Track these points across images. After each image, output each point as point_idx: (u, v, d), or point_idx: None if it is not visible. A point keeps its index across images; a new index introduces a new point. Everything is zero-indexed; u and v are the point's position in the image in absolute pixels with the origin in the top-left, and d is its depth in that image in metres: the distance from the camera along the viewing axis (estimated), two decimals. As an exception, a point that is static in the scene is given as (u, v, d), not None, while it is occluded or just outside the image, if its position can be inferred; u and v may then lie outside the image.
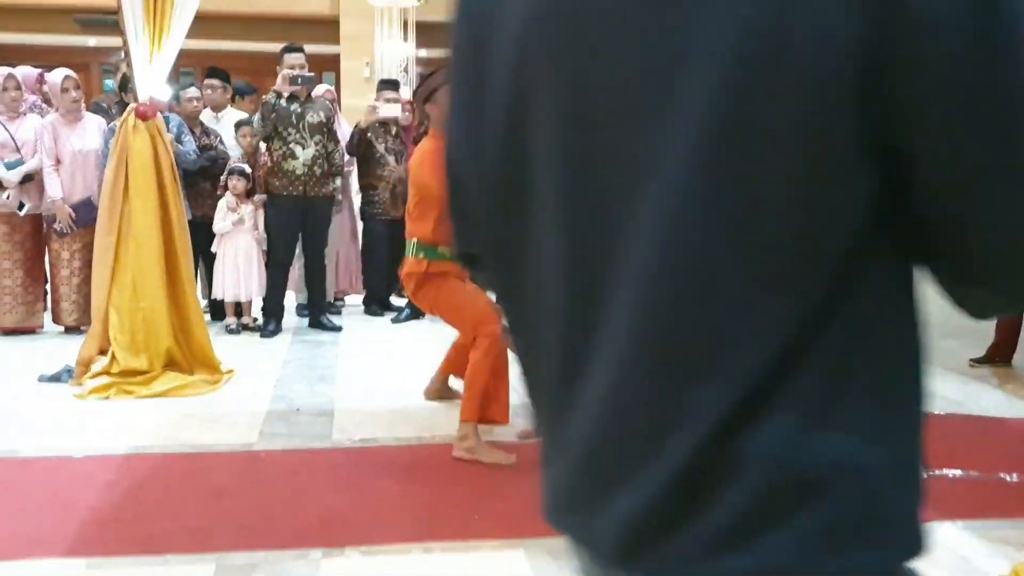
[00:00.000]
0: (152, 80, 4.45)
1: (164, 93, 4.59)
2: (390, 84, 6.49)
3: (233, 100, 6.88)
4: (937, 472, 3.63)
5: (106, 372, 4.45)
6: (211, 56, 14.36)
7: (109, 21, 4.40)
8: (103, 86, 15.68)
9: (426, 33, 12.10)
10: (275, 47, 13.94)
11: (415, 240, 3.86)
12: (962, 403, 4.72)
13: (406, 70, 10.16)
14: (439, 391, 4.47)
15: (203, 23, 4.55)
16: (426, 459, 3.66)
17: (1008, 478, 3.62)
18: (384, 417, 4.21)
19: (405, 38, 10.26)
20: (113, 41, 11.94)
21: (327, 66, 14.51)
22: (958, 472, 3.66)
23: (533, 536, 2.87)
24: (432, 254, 3.79)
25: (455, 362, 4.30)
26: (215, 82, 6.43)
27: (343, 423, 4.10)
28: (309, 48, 13.95)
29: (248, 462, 3.60)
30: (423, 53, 13.82)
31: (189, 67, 14.80)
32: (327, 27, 13.16)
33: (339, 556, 2.80)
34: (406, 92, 9.78)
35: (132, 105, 4.49)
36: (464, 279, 3.74)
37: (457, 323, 3.87)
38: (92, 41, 13.85)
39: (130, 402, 4.33)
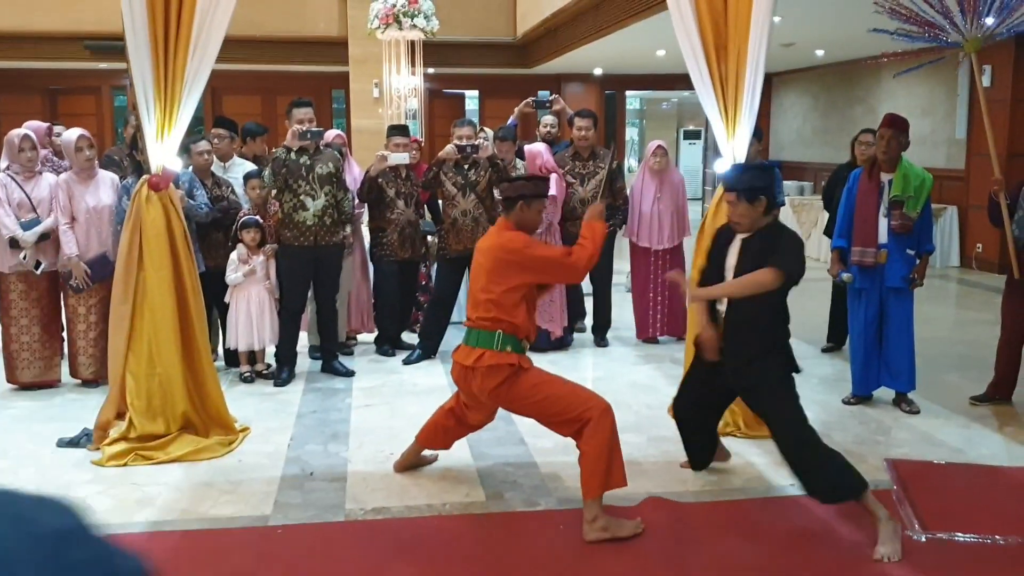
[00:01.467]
0: (163, 152, 4.55)
1: (176, 164, 4.69)
2: (399, 130, 6.59)
3: (244, 142, 6.98)
4: (936, 536, 3.72)
5: (124, 437, 4.57)
6: (220, 77, 14.51)
7: (119, 47, 4.50)
8: (114, 103, 15.86)
9: (431, 52, 12.19)
10: (285, 68, 14.15)
11: (500, 332, 3.78)
12: (963, 450, 4.79)
13: (414, 95, 10.24)
14: (412, 462, 4.44)
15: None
16: (438, 533, 3.76)
17: (1003, 540, 3.69)
18: (396, 481, 4.31)
19: (413, 63, 10.35)
20: (123, 64, 12.08)
21: (336, 84, 14.65)
22: (958, 536, 3.74)
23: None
24: (517, 347, 3.81)
25: (432, 436, 4.34)
26: (222, 131, 6.52)
27: (356, 491, 4.20)
28: (318, 68, 14.19)
29: (265, 540, 3.70)
30: (430, 71, 13.93)
31: (199, 89, 14.97)
32: (336, 48, 13.30)
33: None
34: (414, 128, 9.91)
35: (145, 177, 4.60)
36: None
37: (557, 412, 3.76)
38: (102, 64, 13.98)
39: (149, 469, 4.45)
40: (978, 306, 8.92)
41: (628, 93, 17.89)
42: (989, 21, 5.03)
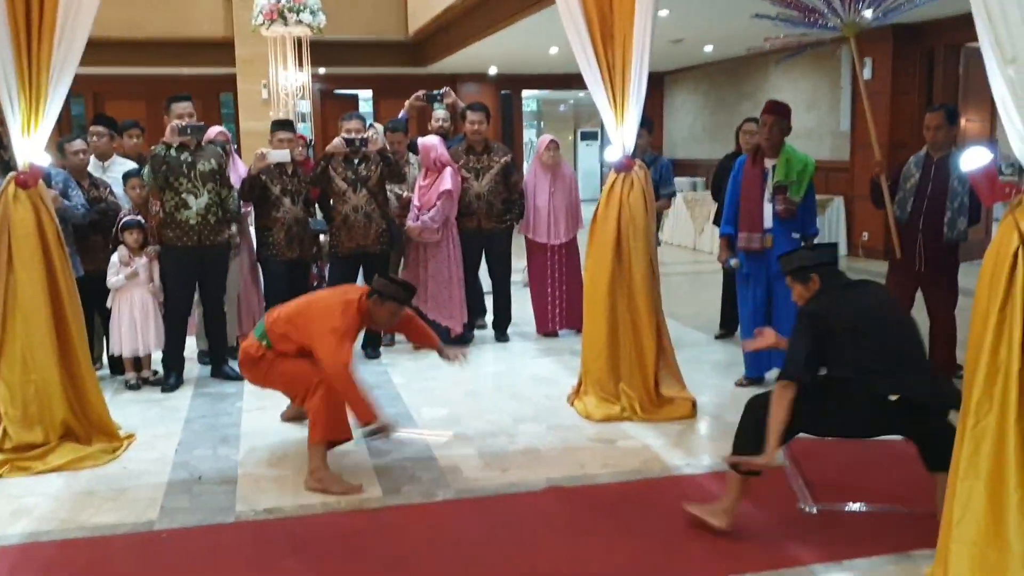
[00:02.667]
0: (31, 147, 4.32)
1: (44, 159, 4.45)
2: (283, 125, 6.39)
3: (121, 135, 6.69)
4: (827, 507, 3.79)
5: (-2, 449, 4.32)
6: (102, 81, 14.00)
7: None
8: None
9: (322, 52, 12.00)
10: (169, 71, 13.72)
11: (265, 328, 4.35)
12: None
13: (303, 97, 10.04)
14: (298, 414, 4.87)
15: (93, 49, 4.43)
16: (332, 530, 3.66)
17: (889, 509, 3.79)
18: (289, 480, 4.18)
19: (300, 61, 10.14)
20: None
21: (224, 87, 14.28)
22: (849, 506, 3.82)
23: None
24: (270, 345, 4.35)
25: None
26: (100, 129, 6.25)
27: (246, 492, 4.06)
28: (204, 71, 13.78)
29: (149, 545, 3.54)
30: (321, 71, 13.71)
31: (79, 93, 14.39)
32: (222, 49, 12.94)
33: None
34: (306, 129, 9.73)
35: (11, 174, 4.36)
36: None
37: (294, 386, 4.32)
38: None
39: (26, 480, 4.21)
40: (863, 291, 9.21)
41: (524, 94, 17.95)
42: (868, 15, 5.20)
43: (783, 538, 3.52)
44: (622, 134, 5.03)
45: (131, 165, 6.23)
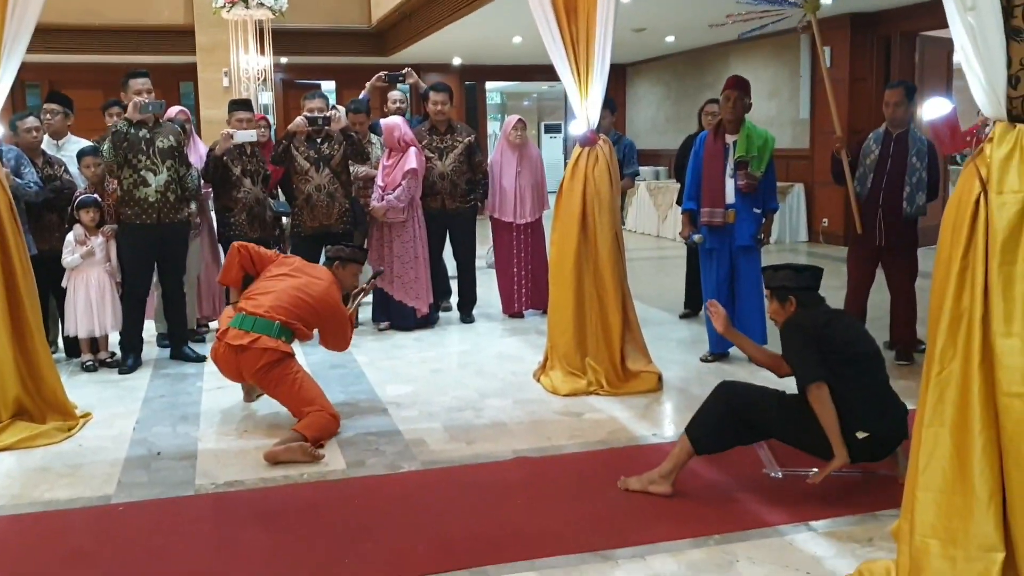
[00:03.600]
0: (-18, 117, 4.21)
1: (-4, 131, 4.35)
2: (242, 105, 6.30)
3: (103, 112, 6.55)
4: (791, 472, 3.80)
5: (-53, 428, 4.21)
6: (59, 69, 13.75)
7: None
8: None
9: (284, 41, 11.88)
10: (128, 59, 13.49)
11: (278, 323, 4.37)
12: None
13: (264, 82, 9.92)
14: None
15: (50, 36, 4.33)
16: (293, 502, 3.59)
17: (847, 473, 3.80)
18: (251, 456, 4.11)
19: (261, 48, 10.02)
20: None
21: (184, 76, 14.07)
22: (814, 471, 3.83)
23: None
24: (290, 339, 4.46)
25: None
26: (54, 107, 6.11)
27: (207, 466, 3.98)
28: (164, 59, 13.56)
29: (105, 518, 3.46)
30: (283, 60, 13.57)
31: (35, 82, 14.12)
32: (182, 37, 12.77)
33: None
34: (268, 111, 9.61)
35: (-39, 145, 4.25)
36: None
37: (295, 399, 4.35)
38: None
39: (-24, 459, 4.11)
40: (826, 275, 9.27)
41: (489, 87, 17.90)
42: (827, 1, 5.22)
43: (750, 502, 3.52)
44: (586, 108, 5.01)
45: (85, 143, 6.11)
